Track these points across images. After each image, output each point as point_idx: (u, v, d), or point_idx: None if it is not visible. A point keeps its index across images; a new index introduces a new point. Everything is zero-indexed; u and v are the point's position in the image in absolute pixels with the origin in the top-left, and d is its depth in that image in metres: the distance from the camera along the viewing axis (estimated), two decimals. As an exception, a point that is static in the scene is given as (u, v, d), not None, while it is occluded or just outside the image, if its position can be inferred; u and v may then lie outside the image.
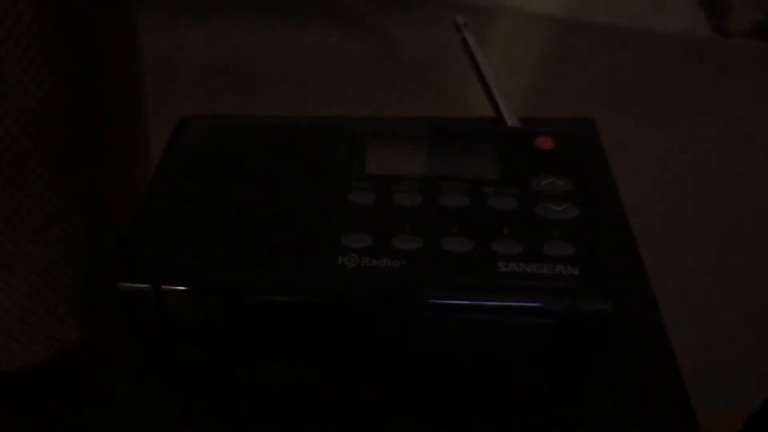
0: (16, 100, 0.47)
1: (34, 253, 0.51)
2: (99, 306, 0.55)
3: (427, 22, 1.48)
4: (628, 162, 0.38)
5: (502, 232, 0.32)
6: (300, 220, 0.33)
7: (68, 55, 0.50)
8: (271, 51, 1.39)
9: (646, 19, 1.48)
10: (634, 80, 1.35)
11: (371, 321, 0.31)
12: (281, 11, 1.51)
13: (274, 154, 0.36)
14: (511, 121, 0.39)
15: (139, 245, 0.32)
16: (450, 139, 0.37)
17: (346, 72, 1.36)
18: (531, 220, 0.32)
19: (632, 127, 1.17)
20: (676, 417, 0.31)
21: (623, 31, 1.47)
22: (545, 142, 0.36)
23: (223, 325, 0.32)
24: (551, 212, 0.33)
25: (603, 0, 1.51)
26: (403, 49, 1.44)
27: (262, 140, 0.37)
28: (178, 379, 0.34)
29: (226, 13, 1.51)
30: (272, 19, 1.50)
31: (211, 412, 0.33)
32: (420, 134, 0.37)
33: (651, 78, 1.36)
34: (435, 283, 0.30)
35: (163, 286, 0.31)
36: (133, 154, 0.61)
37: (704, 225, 1.10)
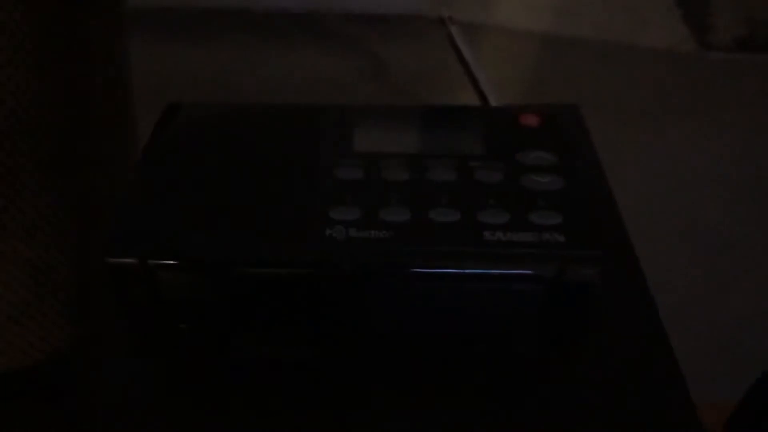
0: (7, 99, 0.47)
1: (26, 253, 0.51)
2: (91, 307, 0.55)
3: (414, 40, 1.49)
4: (616, 173, 0.39)
5: (488, 203, 0.32)
6: (287, 196, 0.33)
7: (58, 59, 0.50)
8: (258, 69, 1.40)
9: (632, 34, 1.50)
10: (622, 93, 1.36)
11: (360, 291, 0.31)
12: (268, 30, 1.52)
13: (261, 134, 0.36)
14: (496, 104, 0.39)
15: (127, 221, 0.32)
16: (436, 118, 0.37)
17: (334, 89, 1.37)
18: (517, 192, 0.33)
19: (620, 138, 1.18)
20: (666, 382, 0.31)
21: (610, 46, 1.49)
22: (530, 120, 0.36)
23: (212, 299, 0.32)
24: (537, 184, 0.33)
25: (589, 17, 1.52)
26: (390, 65, 1.45)
27: (250, 122, 0.37)
28: (168, 353, 0.34)
29: (214, 31, 1.52)
30: (260, 37, 1.51)
31: (201, 388, 0.32)
32: (407, 115, 0.37)
33: (638, 91, 1.37)
34: (423, 252, 0.30)
35: (151, 261, 0.31)
36: (123, 159, 0.61)
37: (692, 229, 1.10)
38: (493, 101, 0.39)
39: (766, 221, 1.12)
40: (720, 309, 1.00)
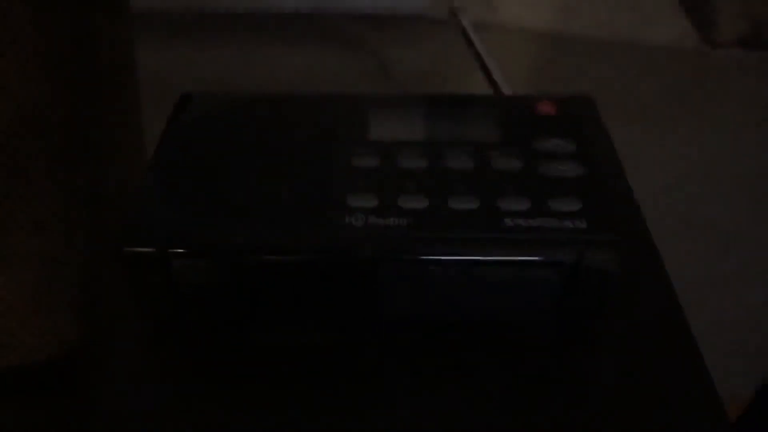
0: (16, 92, 0.47)
1: (34, 247, 0.51)
2: (100, 302, 0.54)
3: (418, 40, 1.49)
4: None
5: (507, 191, 0.32)
6: (304, 184, 0.33)
7: (66, 55, 0.50)
8: (263, 69, 1.40)
9: (635, 31, 1.50)
10: (626, 91, 1.36)
11: (379, 278, 0.31)
12: (274, 29, 1.52)
13: (276, 124, 0.36)
14: (509, 92, 0.39)
15: (143, 210, 0.32)
16: (452, 107, 0.37)
17: (337, 88, 1.36)
18: (536, 179, 0.32)
19: (624, 134, 1.18)
20: (688, 369, 0.31)
21: (612, 43, 1.49)
22: (546, 108, 0.36)
23: (230, 288, 0.31)
24: (555, 171, 0.33)
25: (591, 14, 1.52)
26: (394, 66, 1.45)
27: (264, 111, 0.37)
28: (184, 343, 0.33)
29: (217, 33, 1.52)
30: (265, 36, 1.51)
31: (214, 380, 0.32)
32: (422, 104, 0.37)
33: (642, 87, 1.37)
34: (442, 239, 0.30)
35: (168, 250, 0.30)
36: (131, 154, 0.61)
37: (696, 224, 1.10)
38: (505, 90, 0.38)
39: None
40: (725, 305, 1.00)
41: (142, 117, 0.65)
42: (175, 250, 0.30)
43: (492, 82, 0.40)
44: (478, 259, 0.30)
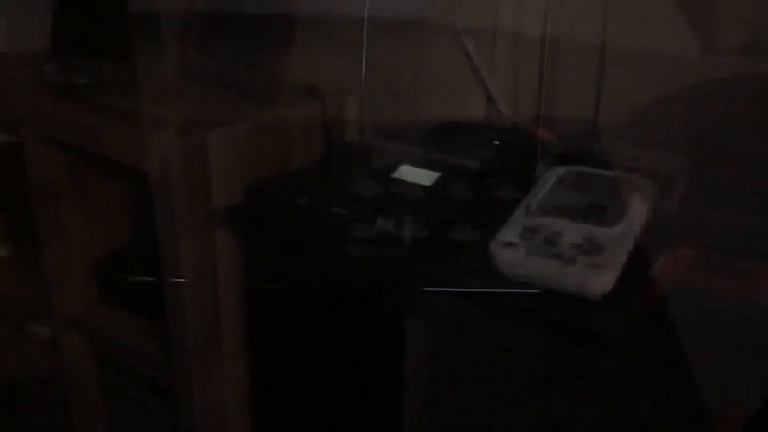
0: (25, 117, 0.47)
1: (38, 264, 0.51)
2: (103, 317, 0.55)
3: (418, 45, 1.49)
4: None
5: (506, 221, 0.32)
6: (305, 212, 0.33)
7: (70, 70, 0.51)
8: (262, 70, 1.40)
9: (637, 39, 1.50)
10: (627, 99, 1.35)
11: (377, 308, 0.31)
12: (270, 32, 1.52)
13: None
14: (509, 114, 0.40)
15: (147, 240, 0.32)
16: (452, 134, 0.37)
17: (338, 92, 1.36)
18: (533, 209, 0.32)
19: (626, 141, 1.18)
20: (680, 391, 0.31)
21: (614, 51, 1.48)
22: (546, 135, 0.36)
23: (229, 315, 0.32)
24: (553, 200, 0.33)
25: (593, 22, 1.52)
26: (394, 72, 1.45)
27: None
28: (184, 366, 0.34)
29: (220, 30, 1.51)
30: (261, 39, 1.51)
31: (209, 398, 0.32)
32: (422, 131, 0.37)
33: (643, 95, 1.37)
34: (441, 270, 0.30)
35: (169, 279, 0.31)
36: (136, 171, 0.61)
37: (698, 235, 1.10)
38: (503, 108, 0.39)
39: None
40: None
41: (142, 117, 0.64)
42: (178, 279, 0.31)
43: (490, 89, 0.41)
44: (476, 291, 0.30)
